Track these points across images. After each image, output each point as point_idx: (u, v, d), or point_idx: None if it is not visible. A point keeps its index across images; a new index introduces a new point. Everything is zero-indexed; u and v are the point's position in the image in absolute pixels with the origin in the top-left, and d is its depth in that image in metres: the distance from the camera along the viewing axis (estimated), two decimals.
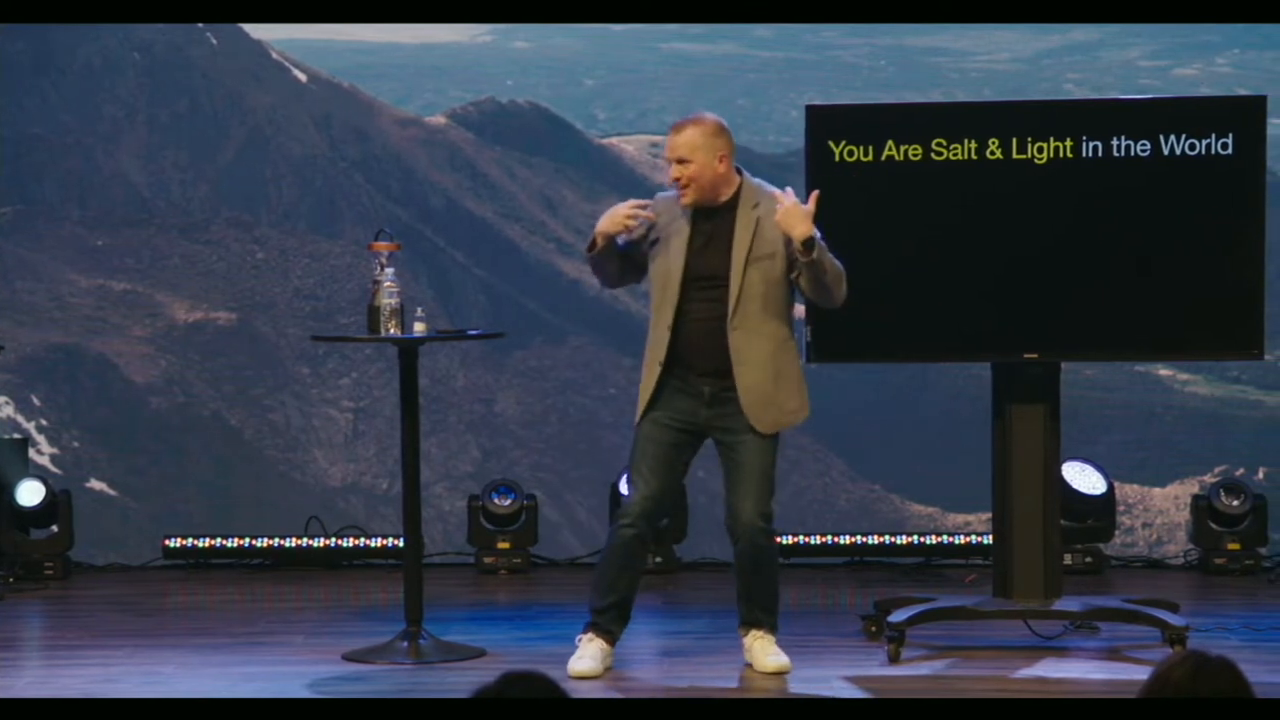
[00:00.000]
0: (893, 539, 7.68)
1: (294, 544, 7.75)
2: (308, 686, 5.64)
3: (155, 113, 8.05)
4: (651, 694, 5.61)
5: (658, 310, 5.74)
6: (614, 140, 8.12)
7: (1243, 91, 7.47)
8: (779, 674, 5.72)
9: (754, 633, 5.83)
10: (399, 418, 6.17)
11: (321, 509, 7.85)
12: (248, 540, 7.75)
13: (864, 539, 7.68)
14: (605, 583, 5.76)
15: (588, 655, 5.71)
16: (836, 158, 6.00)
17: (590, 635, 5.75)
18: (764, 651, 5.78)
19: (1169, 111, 6.00)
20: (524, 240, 8.06)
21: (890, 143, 5.97)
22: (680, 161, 5.70)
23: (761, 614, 5.82)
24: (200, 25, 7.99)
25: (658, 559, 7.57)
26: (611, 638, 5.77)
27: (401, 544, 6.37)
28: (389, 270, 6.01)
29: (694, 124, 5.71)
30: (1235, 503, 7.41)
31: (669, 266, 5.72)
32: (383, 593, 7.12)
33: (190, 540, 7.76)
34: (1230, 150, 5.88)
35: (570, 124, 8.05)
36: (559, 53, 8.08)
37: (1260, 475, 7.68)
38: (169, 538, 7.78)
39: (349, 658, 6.00)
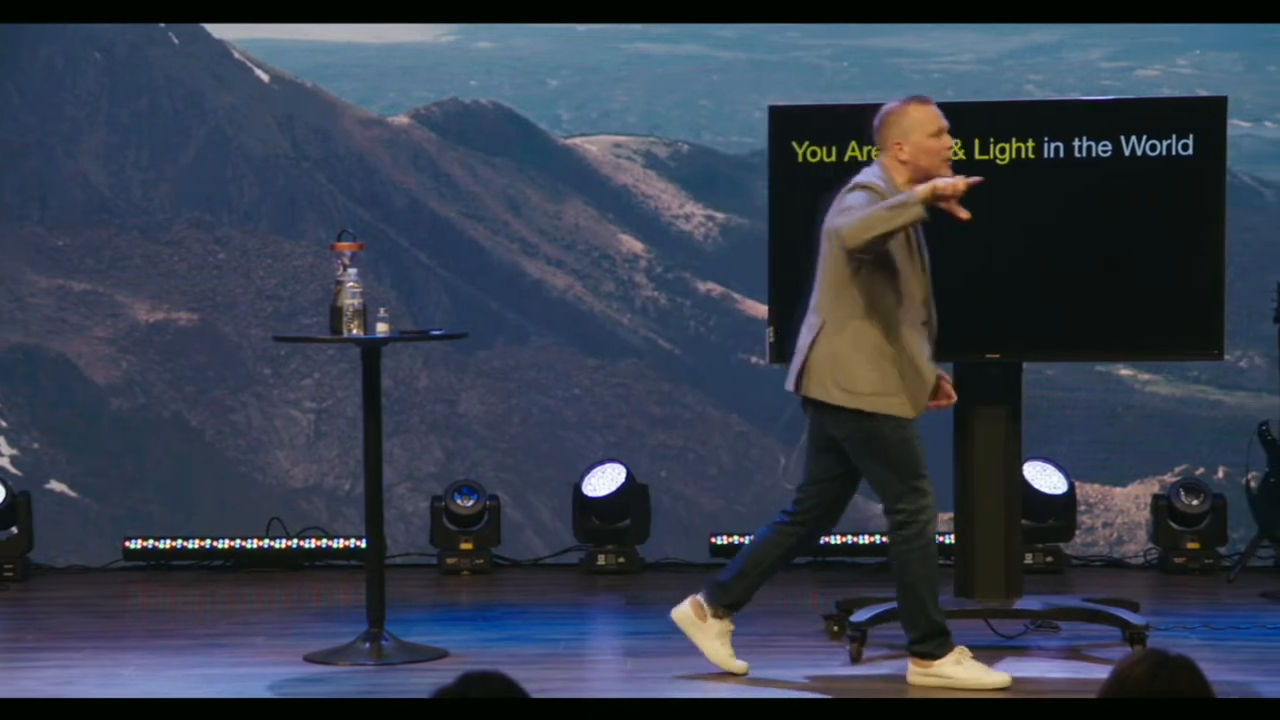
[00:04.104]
0: (855, 539, 7.69)
1: (255, 545, 7.72)
2: (269, 688, 5.62)
3: (116, 112, 8.02)
4: (613, 694, 5.60)
5: (898, 295, 5.40)
6: (578, 140, 8.12)
7: (1203, 92, 7.50)
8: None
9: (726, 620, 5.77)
10: (361, 418, 6.15)
11: (283, 510, 7.82)
12: (209, 541, 7.72)
13: (826, 539, 7.68)
14: (936, 595, 5.56)
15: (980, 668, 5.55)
16: (800, 158, 6.01)
17: (960, 649, 5.55)
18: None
19: (1130, 112, 6.02)
20: (487, 240, 8.05)
21: (853, 143, 5.98)
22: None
23: (745, 600, 5.79)
24: (161, 25, 7.96)
25: (620, 560, 7.57)
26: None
27: (363, 545, 6.35)
28: (351, 271, 6.00)
29: None
30: (1195, 502, 7.44)
31: (915, 255, 5.44)
32: (344, 594, 7.10)
33: (151, 542, 7.73)
34: (1191, 151, 5.90)
35: (534, 124, 8.04)
36: (522, 53, 8.07)
37: (1220, 475, 7.72)
38: (129, 539, 7.74)
39: (310, 659, 5.98)
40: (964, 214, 5.29)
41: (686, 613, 5.74)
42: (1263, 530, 7.34)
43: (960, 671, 5.48)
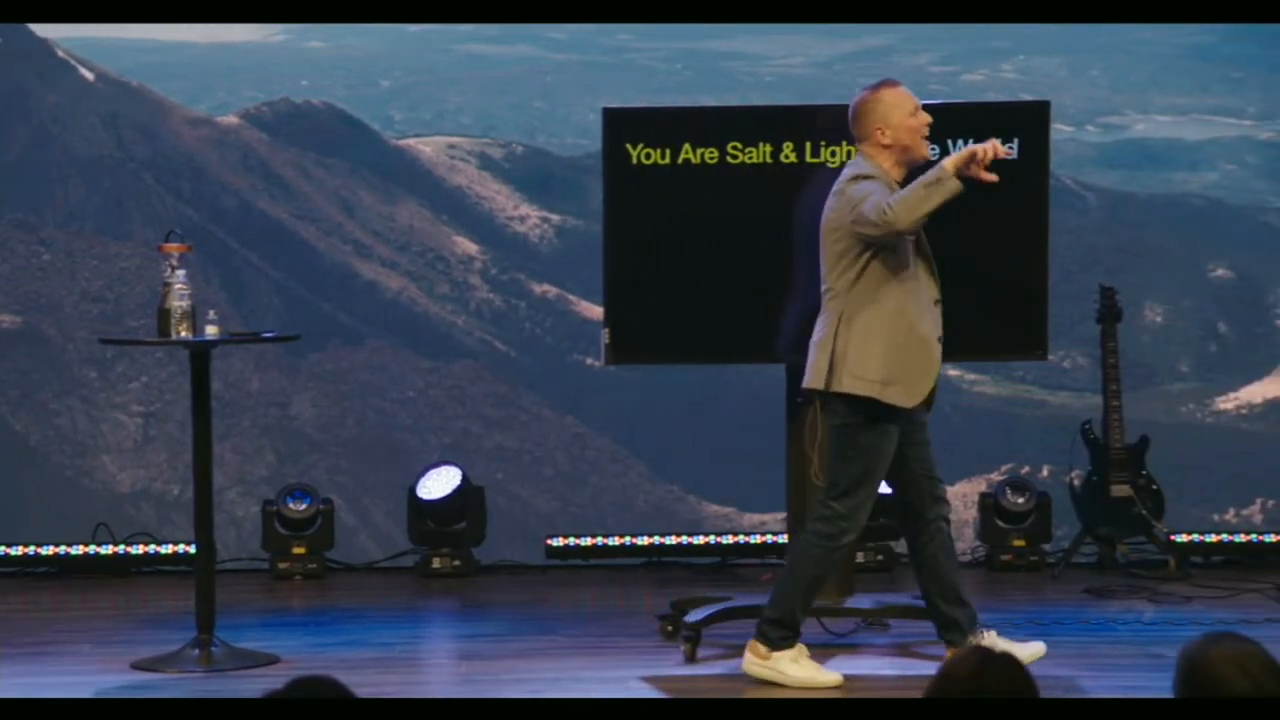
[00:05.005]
0: (690, 539, 7.73)
1: (81, 551, 7.59)
2: (95, 695, 5.52)
3: None
4: (448, 696, 5.58)
5: (908, 279, 5.40)
6: (411, 141, 8.07)
7: (1027, 97, 7.65)
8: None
9: (991, 633, 5.57)
10: (191, 422, 6.07)
11: (110, 515, 7.69)
12: (33, 548, 7.56)
13: (662, 539, 7.72)
14: (812, 599, 5.59)
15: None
16: (634, 160, 6.03)
17: (800, 647, 5.56)
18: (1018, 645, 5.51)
19: (957, 116, 6.11)
20: (320, 242, 7.98)
21: (687, 146, 6.02)
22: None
23: (969, 609, 5.58)
24: None
25: (455, 562, 7.53)
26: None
27: (193, 550, 6.27)
28: (180, 272, 5.92)
29: None
30: (1021, 500, 7.58)
31: (920, 235, 5.41)
32: (174, 600, 6.99)
33: None
34: (1016, 155, 6.01)
35: (366, 125, 7.98)
36: (354, 53, 8.01)
37: (1045, 473, 7.87)
38: None
39: (138, 666, 5.89)
40: (993, 177, 5.34)
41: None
42: (1085, 527, 7.50)
43: (795, 670, 5.53)
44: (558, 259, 8.01)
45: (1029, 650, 5.50)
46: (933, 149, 6.01)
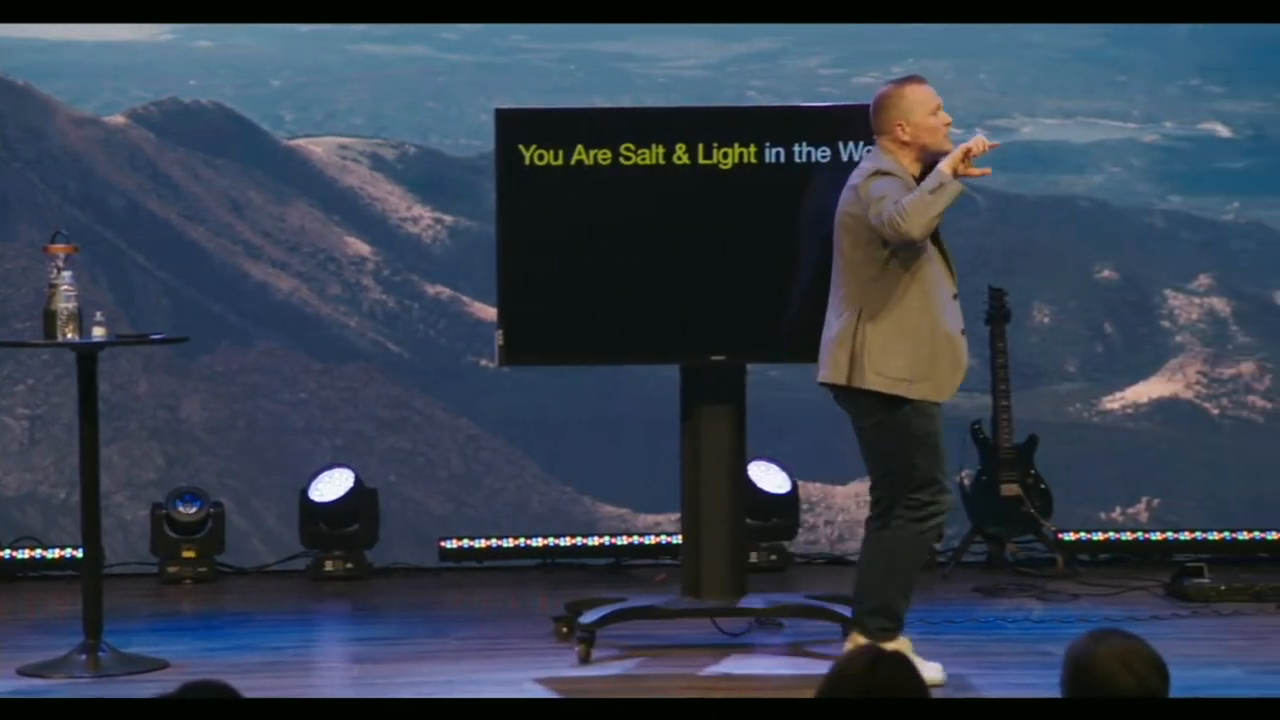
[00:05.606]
0: (584, 540, 7.74)
1: None
2: None
3: None
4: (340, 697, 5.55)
5: (927, 275, 5.43)
6: (301, 142, 8.02)
7: None
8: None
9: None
10: (78, 425, 6.00)
11: None
12: None
13: (556, 541, 7.72)
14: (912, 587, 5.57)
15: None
16: (527, 161, 6.02)
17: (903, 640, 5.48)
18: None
19: (849, 118, 6.14)
20: (209, 243, 7.90)
21: (580, 147, 6.02)
22: None
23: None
24: None
25: (348, 565, 7.49)
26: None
27: (80, 554, 6.19)
28: (66, 273, 5.86)
29: None
30: None
31: (937, 230, 5.43)
32: (61, 605, 6.89)
33: None
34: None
35: (256, 125, 7.91)
36: (243, 52, 7.94)
37: None
38: None
39: (24, 672, 5.81)
40: (985, 170, 5.48)
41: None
42: (975, 526, 7.57)
43: None
44: (451, 260, 7.99)
45: (928, 671, 5.54)
46: (823, 151, 6.08)
